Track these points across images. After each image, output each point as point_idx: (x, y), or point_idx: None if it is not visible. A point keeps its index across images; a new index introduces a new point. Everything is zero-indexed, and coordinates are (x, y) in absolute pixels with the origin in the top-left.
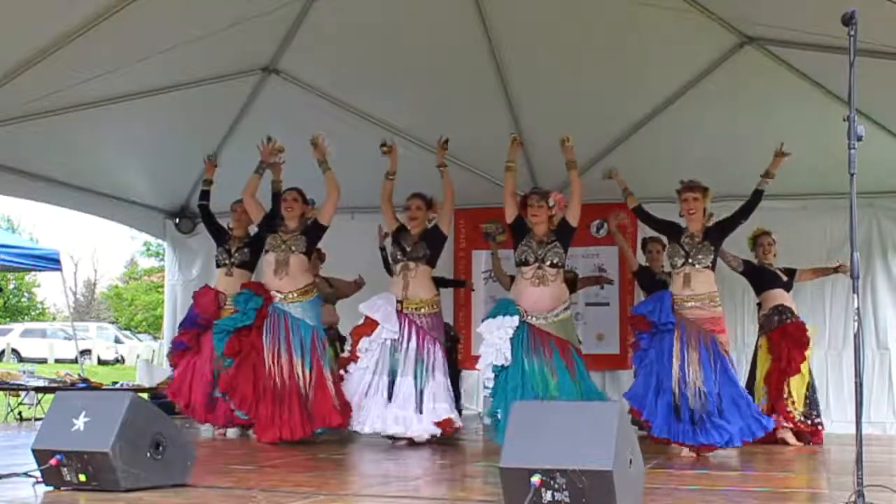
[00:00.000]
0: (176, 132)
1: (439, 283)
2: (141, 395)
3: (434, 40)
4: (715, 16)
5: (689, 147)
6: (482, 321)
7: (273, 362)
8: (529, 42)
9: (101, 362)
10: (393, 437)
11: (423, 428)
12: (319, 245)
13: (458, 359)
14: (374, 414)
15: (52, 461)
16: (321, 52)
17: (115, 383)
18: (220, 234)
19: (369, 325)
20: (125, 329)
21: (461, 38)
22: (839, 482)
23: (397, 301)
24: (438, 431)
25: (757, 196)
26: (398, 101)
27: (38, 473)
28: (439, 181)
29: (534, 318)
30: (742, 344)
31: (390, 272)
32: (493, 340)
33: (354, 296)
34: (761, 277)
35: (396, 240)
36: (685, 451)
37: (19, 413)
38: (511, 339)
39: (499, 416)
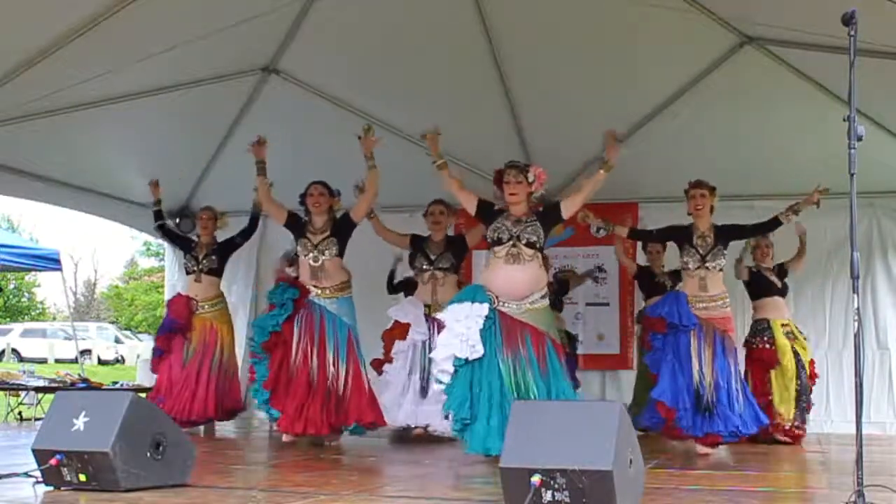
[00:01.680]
0: (176, 132)
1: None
2: (141, 395)
3: (434, 40)
4: (715, 16)
5: (689, 147)
6: (447, 306)
7: (302, 354)
8: (529, 42)
9: (101, 362)
10: (416, 428)
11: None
12: None
13: None
14: (407, 409)
15: (52, 461)
16: (321, 52)
17: (115, 383)
18: (185, 244)
19: (401, 329)
20: (125, 329)
21: (461, 38)
22: (839, 482)
23: (425, 305)
24: None
25: (774, 223)
26: (398, 101)
27: (38, 473)
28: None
29: (505, 305)
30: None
31: (392, 290)
32: (460, 330)
33: (379, 302)
34: (757, 285)
35: (418, 247)
36: (700, 449)
37: (19, 413)
38: (480, 330)
39: (451, 416)
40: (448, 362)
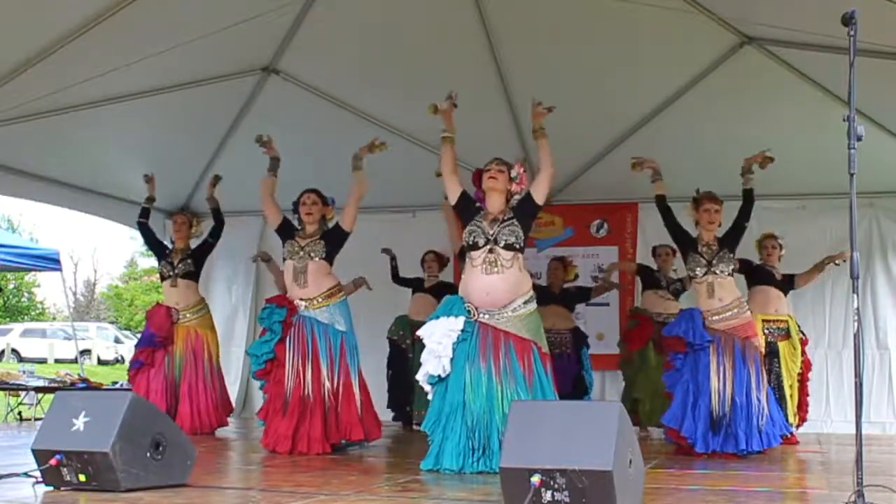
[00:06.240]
0: (176, 132)
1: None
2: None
3: (434, 40)
4: (715, 16)
5: (689, 147)
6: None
7: (296, 375)
8: (529, 42)
9: (101, 362)
10: None
11: None
12: None
13: None
14: None
15: (52, 461)
16: (321, 52)
17: (115, 383)
18: (160, 249)
19: None
20: (125, 329)
21: (461, 38)
22: (839, 482)
23: None
24: None
25: (747, 195)
26: (398, 101)
27: (38, 473)
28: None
29: (486, 316)
30: None
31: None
32: (433, 346)
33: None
34: (756, 274)
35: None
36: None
37: (19, 413)
38: (454, 344)
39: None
40: (426, 380)
